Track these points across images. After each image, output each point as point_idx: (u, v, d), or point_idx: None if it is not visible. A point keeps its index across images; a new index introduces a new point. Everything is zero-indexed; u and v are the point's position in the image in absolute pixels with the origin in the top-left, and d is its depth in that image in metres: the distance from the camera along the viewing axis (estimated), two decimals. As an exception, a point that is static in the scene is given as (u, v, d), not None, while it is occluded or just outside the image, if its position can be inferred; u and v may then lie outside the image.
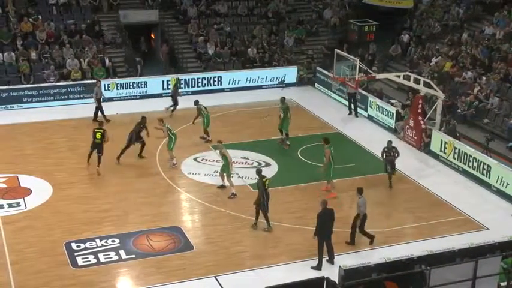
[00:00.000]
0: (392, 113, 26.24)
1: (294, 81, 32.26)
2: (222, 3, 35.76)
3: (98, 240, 17.58)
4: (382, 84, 31.11)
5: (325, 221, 16.44)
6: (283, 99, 24.77)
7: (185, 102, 28.23)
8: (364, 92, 28.29)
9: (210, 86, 30.47)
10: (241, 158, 23.09)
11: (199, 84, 30.50)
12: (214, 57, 32.57)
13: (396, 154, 21.43)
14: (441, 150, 23.41)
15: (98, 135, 21.75)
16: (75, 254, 16.97)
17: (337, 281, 12.63)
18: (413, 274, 13.05)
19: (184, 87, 30.25)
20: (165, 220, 18.96)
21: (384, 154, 21.48)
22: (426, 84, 25.02)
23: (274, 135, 24.89)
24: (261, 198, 18.15)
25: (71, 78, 29.46)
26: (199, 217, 19.73)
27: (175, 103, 27.36)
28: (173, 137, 22.37)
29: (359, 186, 17.83)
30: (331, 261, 16.59)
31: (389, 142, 21.63)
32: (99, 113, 26.48)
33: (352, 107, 28.18)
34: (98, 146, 21.79)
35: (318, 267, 16.38)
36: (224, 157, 20.36)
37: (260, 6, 36.45)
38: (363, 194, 17.49)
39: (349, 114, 28.15)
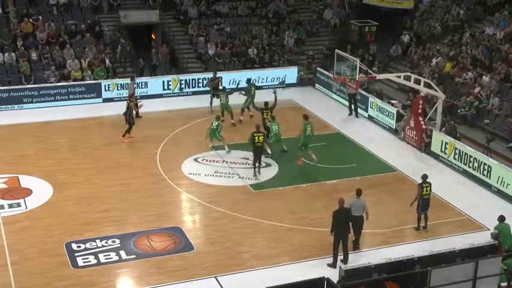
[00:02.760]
0: (393, 114, 26.23)
1: (295, 81, 32.28)
2: (223, 4, 35.78)
3: (98, 241, 17.57)
4: (382, 85, 31.10)
5: (340, 220, 16.46)
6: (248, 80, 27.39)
7: (186, 103, 28.32)
8: (364, 93, 28.27)
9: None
10: (242, 158, 23.09)
11: (200, 84, 30.48)
12: (215, 58, 32.59)
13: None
14: (442, 151, 23.41)
15: (260, 139, 21.54)
16: (76, 254, 16.97)
17: (337, 281, 12.64)
18: (414, 274, 13.06)
19: (185, 88, 30.29)
20: (166, 220, 18.96)
21: (422, 191, 18.35)
22: (426, 85, 25.01)
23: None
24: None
25: (72, 79, 29.46)
26: (200, 217, 19.74)
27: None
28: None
29: (359, 188, 17.65)
30: (345, 261, 16.56)
31: (425, 176, 18.58)
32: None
33: (353, 107, 28.18)
34: (261, 150, 21.75)
35: (333, 265, 16.41)
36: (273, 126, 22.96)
37: (260, 7, 36.46)
38: (360, 196, 17.35)
39: (349, 115, 28.14)
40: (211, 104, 27.88)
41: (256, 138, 21.46)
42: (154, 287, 15.86)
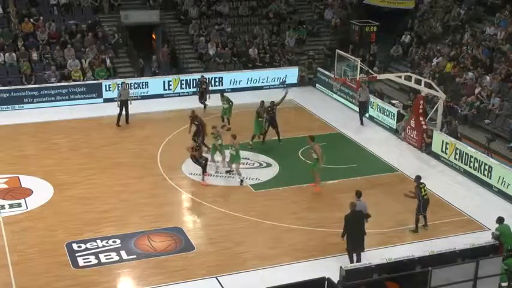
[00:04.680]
0: (394, 114, 26.22)
1: (295, 81, 32.28)
2: (223, 4, 35.79)
3: (99, 241, 17.58)
4: (383, 85, 31.11)
5: (354, 223, 16.46)
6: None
7: (187, 103, 28.27)
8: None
9: (211, 86, 30.44)
10: (242, 158, 23.05)
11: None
12: (215, 58, 32.60)
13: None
14: (442, 151, 23.41)
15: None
16: (76, 254, 16.97)
17: (338, 281, 12.62)
18: (415, 274, 13.04)
19: (186, 88, 30.29)
20: (166, 220, 18.96)
21: (420, 192, 18.40)
22: (427, 85, 25.02)
23: (274, 136, 24.88)
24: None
25: (72, 79, 29.47)
26: (200, 217, 19.74)
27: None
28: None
29: (358, 190, 17.65)
30: (358, 260, 16.48)
31: (419, 177, 18.62)
32: (122, 114, 26.44)
33: (359, 113, 27.57)
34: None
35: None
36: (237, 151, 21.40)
37: (261, 7, 36.48)
38: (361, 197, 17.38)
39: (361, 124, 27.16)
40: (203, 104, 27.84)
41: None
42: (155, 287, 15.86)
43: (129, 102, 26.57)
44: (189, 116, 23.68)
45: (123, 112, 26.39)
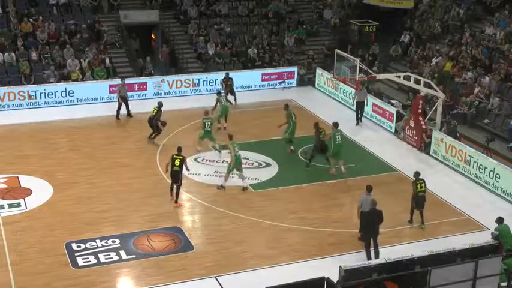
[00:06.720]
0: (393, 114, 26.21)
1: (294, 81, 32.27)
2: (223, 4, 35.81)
3: (98, 241, 17.58)
4: (382, 85, 31.10)
5: (371, 220, 16.62)
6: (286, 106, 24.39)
7: (186, 103, 28.28)
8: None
9: (211, 85, 30.42)
10: (242, 158, 23.03)
11: (200, 84, 30.46)
12: (215, 58, 32.60)
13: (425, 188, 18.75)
14: (441, 151, 23.39)
15: (177, 162, 19.62)
16: (76, 254, 16.97)
17: (337, 281, 12.64)
18: (414, 274, 13.06)
19: (185, 88, 30.23)
20: (166, 220, 18.96)
21: (417, 187, 18.53)
22: (426, 85, 25.03)
23: (274, 136, 24.88)
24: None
25: (71, 79, 29.44)
26: (200, 217, 19.74)
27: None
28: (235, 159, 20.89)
29: (369, 184, 17.80)
30: (376, 256, 16.62)
31: (418, 173, 18.89)
32: (120, 110, 26.77)
33: (359, 114, 27.35)
34: (176, 175, 19.72)
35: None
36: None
37: (260, 7, 36.48)
38: (371, 192, 17.41)
39: (356, 125, 27.20)
40: (231, 101, 27.86)
41: (176, 161, 19.57)
42: (154, 287, 15.86)
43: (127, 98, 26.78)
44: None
45: (124, 107, 26.79)
